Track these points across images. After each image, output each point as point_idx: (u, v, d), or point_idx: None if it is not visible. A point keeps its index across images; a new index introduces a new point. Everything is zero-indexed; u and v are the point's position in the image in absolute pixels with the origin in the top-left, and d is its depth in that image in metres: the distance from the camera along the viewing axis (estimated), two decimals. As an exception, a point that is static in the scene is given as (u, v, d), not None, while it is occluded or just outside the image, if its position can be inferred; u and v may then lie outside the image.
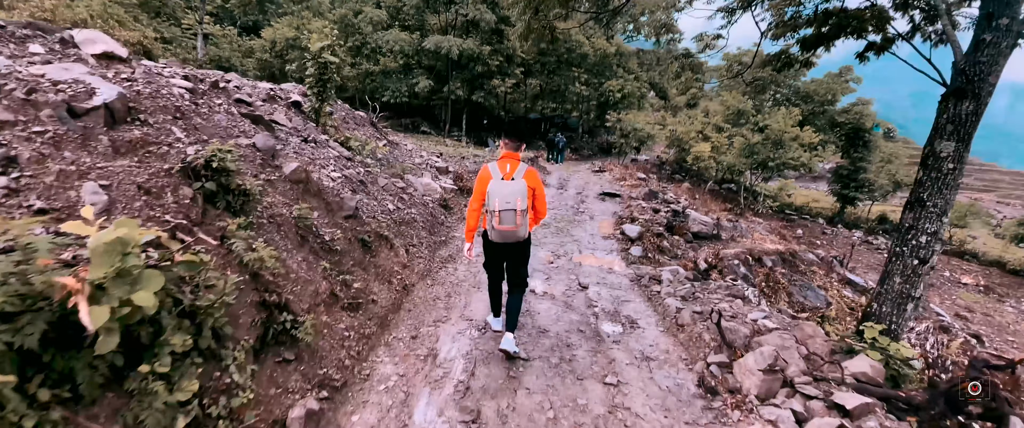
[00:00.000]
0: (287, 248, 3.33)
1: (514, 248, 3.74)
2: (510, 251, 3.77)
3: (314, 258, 3.58)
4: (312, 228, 3.78)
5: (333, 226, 4.17)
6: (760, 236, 15.72)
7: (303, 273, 3.30)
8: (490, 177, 3.55)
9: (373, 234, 4.77)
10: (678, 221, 12.88)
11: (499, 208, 3.42)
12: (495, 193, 3.45)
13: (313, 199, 4.15)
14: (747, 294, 6.20)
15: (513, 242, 3.64)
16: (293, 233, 3.51)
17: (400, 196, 7.25)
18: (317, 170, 5.02)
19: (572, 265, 7.19)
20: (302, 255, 3.45)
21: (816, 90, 31.56)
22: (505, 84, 28.64)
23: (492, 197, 3.45)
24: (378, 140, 10.26)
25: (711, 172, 30.44)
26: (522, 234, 3.57)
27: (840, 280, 13.78)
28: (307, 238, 3.64)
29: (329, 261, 3.72)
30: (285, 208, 3.63)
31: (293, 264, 3.27)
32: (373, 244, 4.63)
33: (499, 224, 3.46)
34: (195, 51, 29.85)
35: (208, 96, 4.49)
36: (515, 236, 3.55)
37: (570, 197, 13.73)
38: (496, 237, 3.59)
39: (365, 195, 5.90)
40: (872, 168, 31.01)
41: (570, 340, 4.42)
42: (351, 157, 7.13)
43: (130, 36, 21.87)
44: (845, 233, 30.11)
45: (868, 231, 31.06)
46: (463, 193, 10.48)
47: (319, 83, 7.52)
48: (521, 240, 3.64)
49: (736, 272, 10.78)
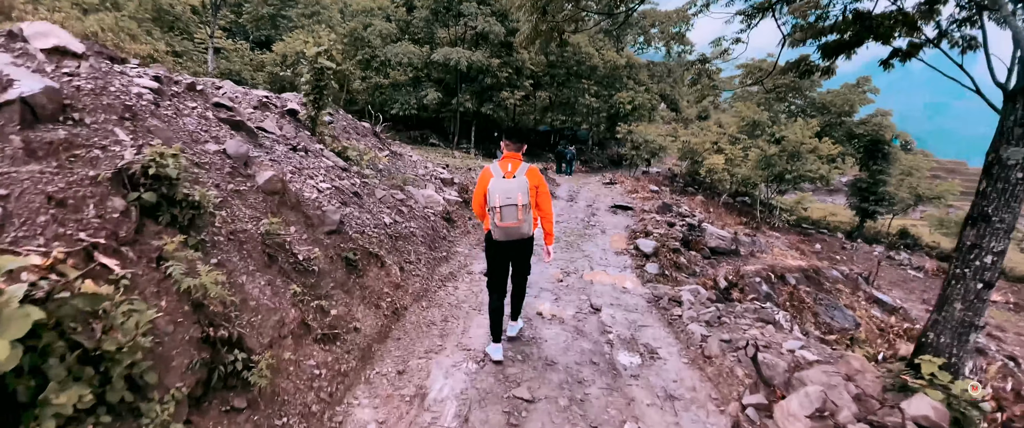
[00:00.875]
0: (248, 271, 2.83)
1: (518, 247, 3.65)
2: (515, 251, 3.68)
3: (284, 281, 3.08)
4: (284, 246, 3.29)
5: (312, 243, 3.66)
6: (780, 252, 14.98)
7: (267, 300, 2.79)
8: (491, 176, 3.52)
9: (361, 251, 4.27)
10: (694, 235, 12.25)
11: (500, 204, 3.36)
12: (496, 190, 3.40)
13: (290, 212, 3.67)
14: (778, 318, 5.57)
15: (517, 240, 3.54)
16: (259, 252, 3.01)
17: (398, 209, 6.76)
18: (301, 181, 4.55)
19: (583, 283, 6.62)
20: (268, 278, 2.95)
21: (832, 101, 30.80)
22: (514, 96, 28.30)
23: (493, 194, 3.41)
24: (380, 150, 9.83)
25: (725, 185, 29.72)
26: (526, 231, 3.48)
27: (867, 299, 12.99)
28: (277, 258, 3.14)
29: (302, 284, 3.20)
30: (252, 223, 3.14)
31: (253, 289, 2.76)
32: (360, 262, 4.12)
33: (501, 221, 3.39)
34: (206, 65, 30.07)
35: (179, 98, 4.06)
36: (519, 233, 3.46)
37: (580, 210, 13.17)
38: (500, 235, 3.49)
39: (358, 208, 5.42)
40: (892, 181, 30.02)
41: (582, 374, 3.85)
42: (347, 168, 6.68)
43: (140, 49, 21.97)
44: (865, 248, 29.06)
45: (890, 246, 29.98)
46: (468, 205, 9.98)
47: (315, 90, 7.12)
48: (525, 238, 3.56)
49: (758, 291, 10.12)
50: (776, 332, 5.03)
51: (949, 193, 30.80)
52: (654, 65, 35.19)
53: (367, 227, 4.97)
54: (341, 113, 10.34)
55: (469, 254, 7.36)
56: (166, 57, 25.27)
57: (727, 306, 6.21)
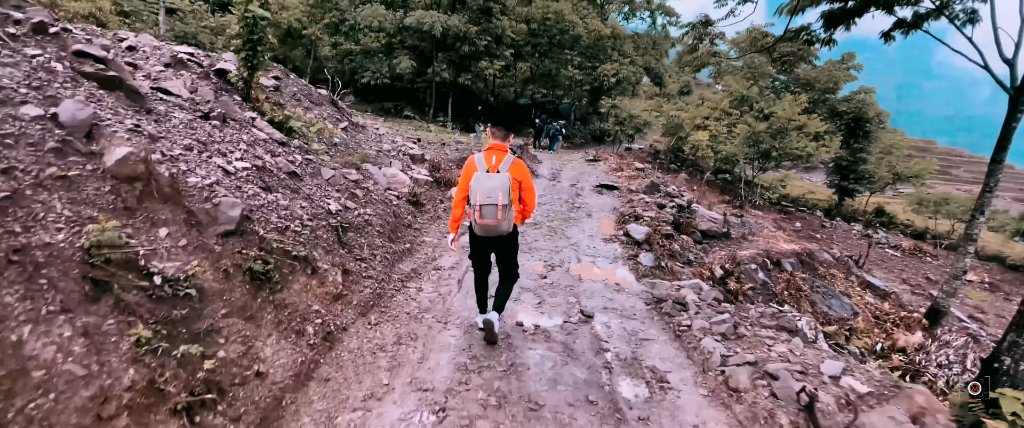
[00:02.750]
0: (38, 316, 1.72)
1: (498, 242, 3.59)
2: (495, 245, 3.62)
3: (120, 323, 1.98)
4: (132, 263, 2.18)
5: (193, 252, 2.55)
6: (770, 234, 14.37)
7: (72, 363, 1.71)
8: (475, 170, 3.42)
9: (278, 256, 3.17)
10: (685, 218, 11.43)
11: (480, 202, 3.30)
12: (477, 187, 3.33)
13: (161, 208, 2.53)
14: (801, 326, 4.74)
15: (496, 236, 3.50)
16: (74, 280, 1.90)
17: (351, 192, 5.63)
18: (199, 160, 3.38)
19: (570, 280, 5.67)
20: (85, 323, 1.85)
21: (817, 78, 30.25)
22: (493, 66, 26.73)
23: (474, 191, 3.34)
24: (337, 122, 8.57)
25: (709, 162, 29.13)
26: (504, 228, 3.41)
27: (860, 283, 12.50)
28: (111, 286, 2.05)
29: (159, 322, 2.10)
30: (70, 231, 2.02)
31: (46, 348, 1.66)
32: (275, 273, 3.04)
33: (481, 218, 3.33)
34: (157, 26, 27.60)
35: (14, 40, 2.85)
36: (497, 230, 3.41)
37: (564, 190, 12.18)
38: (479, 230, 3.46)
39: (288, 194, 4.28)
40: (872, 159, 29.88)
41: (575, 420, 2.91)
42: (286, 142, 5.49)
43: (80, 7, 19.81)
44: (844, 226, 29.04)
45: (867, 225, 30.02)
46: (440, 185, 8.88)
47: (247, 46, 5.83)
48: (504, 234, 3.48)
49: (754, 278, 9.39)
50: (803, 346, 4.18)
51: (926, 172, 30.91)
52: (639, 37, 33.91)
53: (298, 220, 3.85)
54: (292, 77, 8.99)
55: (438, 244, 6.32)
56: (111, 16, 22.97)
57: (739, 309, 5.36)
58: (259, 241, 3.11)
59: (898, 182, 31.72)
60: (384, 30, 26.01)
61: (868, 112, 29.00)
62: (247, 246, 2.99)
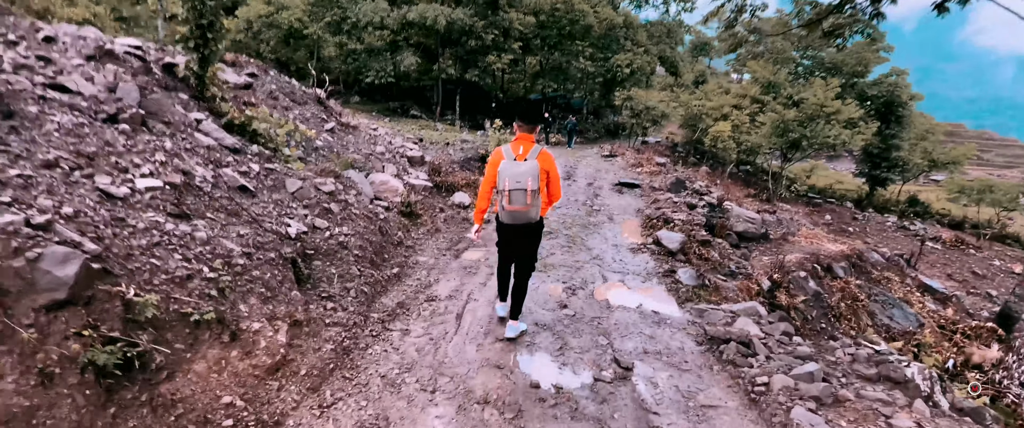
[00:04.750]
0: None
1: (524, 231, 3.55)
2: (520, 233, 3.58)
3: None
4: None
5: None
6: (809, 232, 13.01)
7: None
8: (502, 158, 3.42)
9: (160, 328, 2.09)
10: (718, 218, 10.20)
11: (509, 187, 3.31)
12: (506, 173, 3.34)
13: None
14: (910, 374, 3.55)
15: (524, 224, 3.48)
16: None
17: (323, 207, 4.58)
18: (62, 183, 2.34)
19: (596, 308, 4.56)
20: None
21: (844, 60, 28.49)
22: (501, 60, 25.54)
23: (503, 177, 3.35)
24: (323, 123, 7.55)
25: (731, 154, 27.62)
26: (533, 215, 3.43)
27: (917, 286, 11.14)
28: None
29: None
30: None
31: None
32: (151, 356, 1.95)
33: (509, 204, 3.35)
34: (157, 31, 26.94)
35: None
36: (525, 217, 3.42)
37: (581, 190, 11.03)
38: (507, 218, 3.48)
39: (223, 219, 3.23)
40: (905, 146, 27.99)
41: None
42: (241, 148, 4.45)
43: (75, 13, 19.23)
44: (878, 218, 27.22)
45: (900, 215, 28.18)
46: (441, 191, 7.81)
47: (197, 32, 4.81)
48: (532, 222, 3.49)
49: (805, 288, 8.16)
50: (931, 412, 3.01)
51: (965, 158, 28.98)
52: (653, 25, 32.44)
53: (221, 258, 2.78)
54: (273, 74, 7.98)
55: (435, 264, 5.25)
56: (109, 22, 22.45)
57: (819, 347, 4.19)
58: (122, 309, 2.03)
59: (935, 169, 29.86)
60: (387, 27, 24.99)
61: (901, 95, 27.18)
62: (97, 321, 1.94)
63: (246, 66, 7.24)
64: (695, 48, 50.58)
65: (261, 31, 28.92)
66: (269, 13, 28.05)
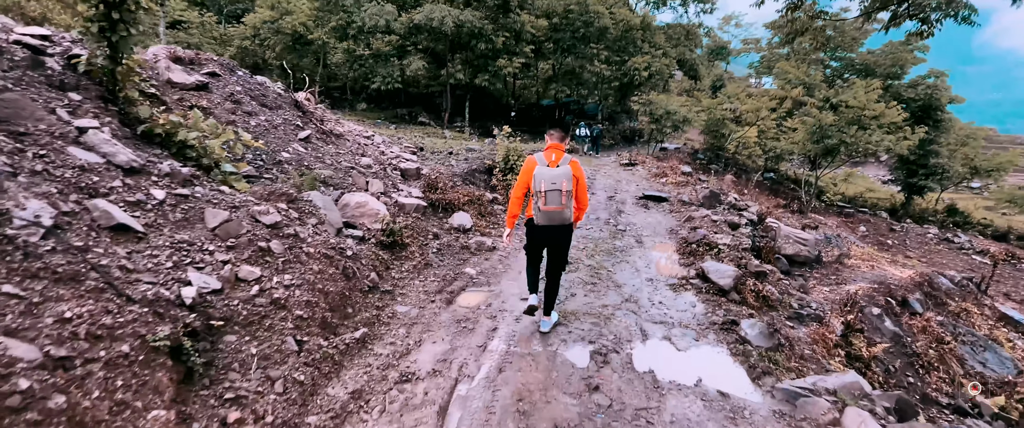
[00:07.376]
0: None
1: (557, 233, 3.73)
2: (553, 236, 3.74)
3: None
4: None
5: None
6: (863, 252, 11.46)
7: None
8: (536, 164, 3.63)
9: None
10: (762, 239, 8.74)
11: (545, 189, 3.51)
12: (541, 176, 3.55)
13: None
14: None
15: (558, 225, 3.64)
16: None
17: (256, 247, 3.31)
18: None
19: (640, 391, 3.21)
20: None
21: (878, 61, 26.79)
22: (512, 65, 24.33)
23: (538, 180, 3.55)
24: (297, 130, 6.34)
25: (757, 161, 25.99)
26: (568, 216, 3.62)
27: (995, 316, 9.53)
28: None
29: None
30: None
31: None
32: None
33: (545, 205, 3.53)
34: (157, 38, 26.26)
35: None
36: (561, 218, 3.59)
37: (601, 205, 9.66)
38: (541, 219, 3.61)
39: (47, 288, 1.99)
40: (945, 152, 26.09)
41: None
42: (141, 168, 3.22)
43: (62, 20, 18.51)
44: (916, 229, 25.22)
45: (940, 225, 26.17)
46: (436, 210, 6.53)
47: (101, 16, 3.62)
48: (565, 223, 3.67)
49: (882, 330, 6.70)
50: None
51: (1010, 164, 26.98)
52: (671, 27, 31.02)
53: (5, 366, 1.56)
54: (241, 73, 6.80)
55: (418, 317, 3.97)
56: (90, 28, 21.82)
57: None
58: None
59: (977, 177, 27.88)
60: (394, 32, 23.96)
61: (940, 98, 25.36)
62: None
63: (206, 65, 6.06)
64: (711, 52, 49.00)
65: (267, 38, 28.17)
66: (274, 19, 27.28)
